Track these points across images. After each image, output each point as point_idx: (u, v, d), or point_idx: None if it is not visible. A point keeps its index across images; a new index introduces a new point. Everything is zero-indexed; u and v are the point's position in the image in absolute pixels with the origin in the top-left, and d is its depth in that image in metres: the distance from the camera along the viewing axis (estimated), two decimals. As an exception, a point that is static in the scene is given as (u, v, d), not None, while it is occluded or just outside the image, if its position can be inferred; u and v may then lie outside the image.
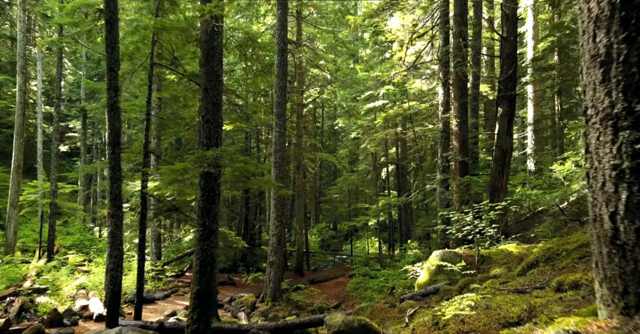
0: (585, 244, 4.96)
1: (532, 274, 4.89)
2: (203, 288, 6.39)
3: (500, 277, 6.36)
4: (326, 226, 36.30)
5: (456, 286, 6.85)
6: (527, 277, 4.84)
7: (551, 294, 3.39)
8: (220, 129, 6.84)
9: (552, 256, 5.23)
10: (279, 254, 13.89)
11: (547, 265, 5.11)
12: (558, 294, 3.29)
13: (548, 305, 2.93)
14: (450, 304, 3.30)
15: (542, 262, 5.28)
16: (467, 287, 6.55)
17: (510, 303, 3.33)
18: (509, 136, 11.87)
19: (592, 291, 2.83)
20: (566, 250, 5.12)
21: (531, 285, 4.21)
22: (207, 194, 6.62)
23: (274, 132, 14.16)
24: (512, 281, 4.81)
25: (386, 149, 25.99)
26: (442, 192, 12.48)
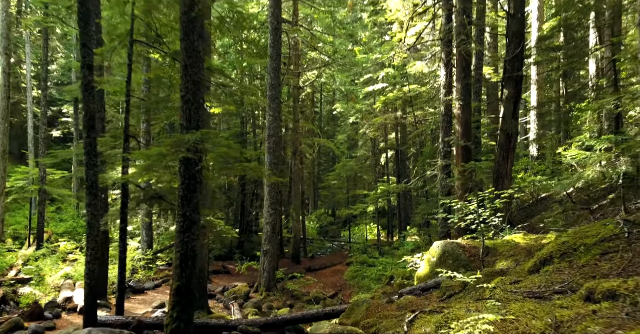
0: (608, 239, 4.40)
1: (547, 272, 4.34)
2: (184, 284, 5.86)
3: (508, 273, 5.82)
4: (325, 213, 35.87)
5: (460, 281, 6.32)
6: (541, 276, 4.29)
7: (579, 304, 2.84)
8: (201, 110, 6.22)
9: (569, 252, 4.67)
10: (274, 243, 13.40)
11: (564, 262, 4.55)
12: (589, 305, 2.74)
13: (580, 321, 2.39)
14: (460, 327, 2.75)
15: (557, 258, 4.73)
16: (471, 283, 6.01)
17: (530, 315, 2.78)
18: (514, 120, 11.25)
19: (636, 304, 2.29)
20: (585, 245, 4.56)
21: (549, 287, 3.66)
22: (187, 182, 6.04)
23: (268, 116, 13.53)
24: (524, 280, 4.26)
25: (386, 135, 25.34)
26: (443, 179, 11.91)
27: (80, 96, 7.32)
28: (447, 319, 3.22)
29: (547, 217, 10.63)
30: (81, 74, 7.23)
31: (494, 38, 20.91)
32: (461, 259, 7.37)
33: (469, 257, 7.39)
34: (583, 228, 6.56)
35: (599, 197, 9.46)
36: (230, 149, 6.13)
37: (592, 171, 7.25)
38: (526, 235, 7.90)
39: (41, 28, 24.90)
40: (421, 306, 6.05)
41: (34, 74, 28.23)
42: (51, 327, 8.88)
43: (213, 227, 8.75)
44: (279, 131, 13.79)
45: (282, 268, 18.52)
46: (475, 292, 5.44)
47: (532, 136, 21.33)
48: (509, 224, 9.00)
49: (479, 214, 7.63)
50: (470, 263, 7.29)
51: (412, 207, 28.32)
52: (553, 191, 8.95)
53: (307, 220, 31.23)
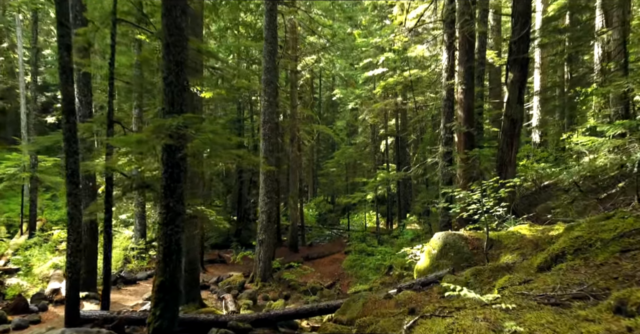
0: (627, 234, 3.99)
1: (561, 271, 3.93)
2: (167, 280, 5.47)
3: (514, 268, 5.43)
4: (324, 199, 35.51)
5: (462, 276, 5.93)
6: (554, 275, 3.88)
7: (607, 316, 2.44)
8: (185, 93, 5.76)
9: (583, 247, 4.27)
10: (269, 232, 13.03)
11: (578, 259, 4.15)
12: (620, 318, 2.35)
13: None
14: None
15: (570, 254, 4.33)
16: (474, 277, 5.63)
17: (549, 328, 2.38)
18: (519, 105, 10.77)
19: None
20: (601, 240, 4.15)
21: (565, 290, 3.26)
22: (170, 170, 5.61)
23: (262, 101, 13.03)
24: (535, 280, 3.86)
25: (385, 121, 24.82)
26: (444, 167, 11.47)
27: (58, 79, 6.85)
28: (452, 332, 2.82)
29: (553, 207, 10.23)
30: (58, 55, 6.75)
31: (497, 21, 20.29)
32: (463, 251, 6.99)
33: (472, 249, 7.00)
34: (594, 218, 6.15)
35: (607, 185, 9.04)
36: (217, 135, 5.68)
37: (605, 158, 6.82)
38: (532, 226, 7.50)
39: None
40: (421, 303, 5.67)
41: (27, 59, 27.58)
42: (36, 320, 8.55)
43: (205, 216, 8.35)
44: (275, 116, 13.31)
45: (279, 257, 18.23)
46: (480, 289, 5.06)
47: (534, 122, 20.85)
48: (514, 215, 8.60)
49: (482, 204, 7.22)
50: (473, 256, 6.91)
51: (411, 194, 27.96)
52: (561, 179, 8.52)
53: (306, 207, 30.89)
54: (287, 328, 7.21)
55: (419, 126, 21.13)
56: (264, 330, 6.89)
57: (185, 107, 5.76)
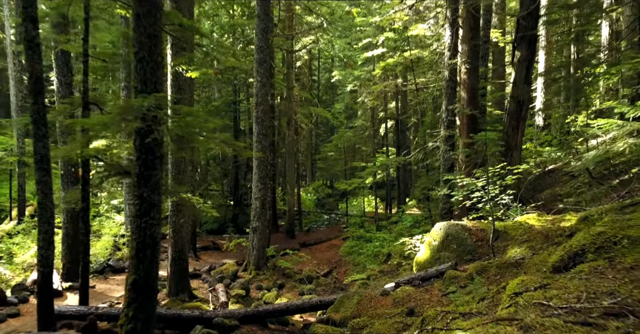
0: (660, 231, 3.45)
1: (582, 274, 3.41)
2: (141, 278, 4.96)
3: (524, 265, 4.91)
4: (323, 184, 35.05)
5: (466, 272, 5.42)
6: (574, 278, 3.36)
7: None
8: (159, 70, 5.15)
9: (607, 245, 3.74)
10: (263, 219, 12.53)
11: (601, 259, 3.62)
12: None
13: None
14: None
15: (591, 252, 3.80)
16: (480, 274, 5.13)
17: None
18: (526, 85, 10.16)
19: None
20: (628, 237, 3.63)
21: (593, 301, 2.74)
22: (144, 157, 5.04)
23: (255, 83, 12.38)
24: (553, 284, 3.33)
25: (385, 103, 24.15)
26: (446, 151, 10.91)
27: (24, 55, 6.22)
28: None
29: (561, 194, 9.71)
30: (23, 28, 6.11)
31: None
32: (466, 243, 6.48)
33: (475, 241, 6.49)
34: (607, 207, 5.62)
35: (620, 171, 8.48)
36: (195, 118, 5.10)
37: (624, 143, 6.26)
38: (540, 215, 6.98)
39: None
40: (421, 302, 5.19)
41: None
42: (14, 313, 8.13)
43: (191, 205, 7.82)
44: (269, 98, 12.67)
45: (276, 243, 17.79)
46: (486, 288, 4.55)
47: (538, 105, 20.19)
48: (521, 203, 8.08)
49: (487, 192, 6.69)
50: (477, 248, 6.40)
51: (411, 178, 27.47)
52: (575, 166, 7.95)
53: (304, 192, 30.41)
54: (278, 324, 6.75)
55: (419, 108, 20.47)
56: (252, 327, 6.44)
57: (159, 86, 5.15)
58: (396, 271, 11.67)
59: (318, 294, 11.63)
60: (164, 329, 6.68)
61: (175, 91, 9.30)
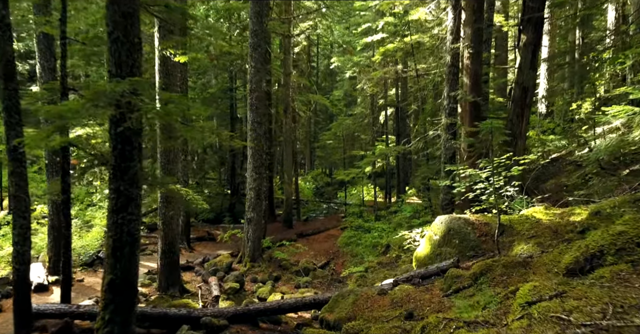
0: (692, 233, 3.05)
1: (604, 280, 3.03)
2: (119, 277, 4.59)
3: (533, 264, 4.53)
4: (322, 172, 34.63)
5: (469, 271, 5.05)
6: (596, 286, 2.98)
7: None
8: (137, 52, 4.70)
9: (629, 247, 3.36)
10: (258, 209, 12.16)
11: (622, 262, 3.24)
12: None
13: None
14: None
15: (610, 255, 3.41)
16: (484, 275, 4.75)
17: None
18: (532, 70, 9.70)
19: None
20: (654, 239, 3.22)
21: (623, 318, 2.35)
22: (120, 147, 4.63)
23: (249, 68, 11.89)
24: (571, 292, 2.95)
25: (385, 90, 23.61)
26: (447, 140, 10.49)
27: None
28: None
29: (566, 184, 9.32)
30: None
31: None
32: (469, 238, 6.10)
33: (479, 236, 6.11)
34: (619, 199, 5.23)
35: (630, 161, 8.08)
36: (176, 105, 4.67)
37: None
38: (548, 208, 6.59)
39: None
40: (421, 303, 4.82)
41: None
42: (-5, 310, 7.78)
43: (179, 196, 7.42)
44: (263, 84, 12.20)
45: (273, 233, 17.47)
46: (492, 291, 4.17)
47: (541, 92, 19.70)
48: (526, 195, 7.69)
49: (492, 183, 6.28)
50: (481, 244, 6.02)
51: (411, 167, 27.07)
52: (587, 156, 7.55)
53: (303, 180, 30.03)
54: (270, 323, 6.41)
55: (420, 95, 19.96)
56: (242, 327, 6.09)
57: (136, 70, 4.71)
58: (395, 263, 11.34)
59: (314, 287, 11.32)
60: (149, 329, 6.34)
61: (163, 76, 8.84)
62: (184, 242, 14.08)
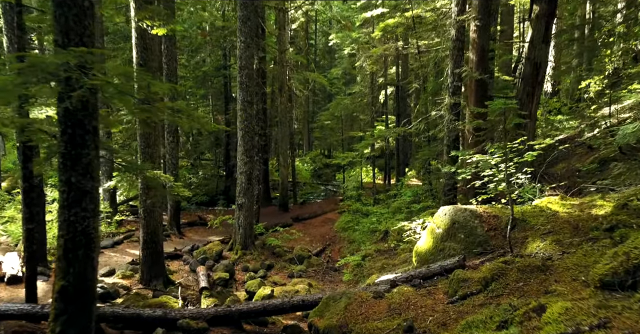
0: None
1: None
2: (72, 284, 3.95)
3: (555, 270, 3.88)
4: (321, 153, 33.90)
5: (478, 273, 4.41)
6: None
7: None
8: (87, 19, 3.94)
9: (684, 258, 2.68)
10: (250, 194, 11.52)
11: (678, 279, 2.56)
12: None
13: None
14: None
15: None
16: (496, 280, 4.12)
17: None
18: (545, 45, 8.90)
19: None
20: None
21: None
22: (70, 131, 3.92)
23: (239, 43, 11.05)
24: (614, 321, 2.30)
25: (385, 68, 22.67)
26: (450, 121, 9.74)
27: None
28: None
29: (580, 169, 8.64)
30: None
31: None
32: (476, 233, 5.45)
33: (487, 230, 5.46)
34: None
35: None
36: (139, 80, 3.93)
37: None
38: (564, 198, 5.91)
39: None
40: (422, 311, 4.20)
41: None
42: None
43: (158, 184, 6.73)
44: (254, 61, 11.38)
45: (268, 217, 16.88)
46: (508, 301, 3.53)
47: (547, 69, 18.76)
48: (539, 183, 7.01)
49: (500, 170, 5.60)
50: (489, 239, 5.37)
51: (411, 148, 26.37)
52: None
53: (301, 162, 29.35)
54: (255, 324, 5.82)
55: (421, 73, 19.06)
56: (223, 330, 5.51)
57: (88, 39, 3.97)
58: (394, 251, 10.75)
59: (309, 275, 10.78)
60: (122, 330, 5.76)
61: (140, 50, 8.04)
62: (173, 228, 13.49)
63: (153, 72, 8.14)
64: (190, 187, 22.45)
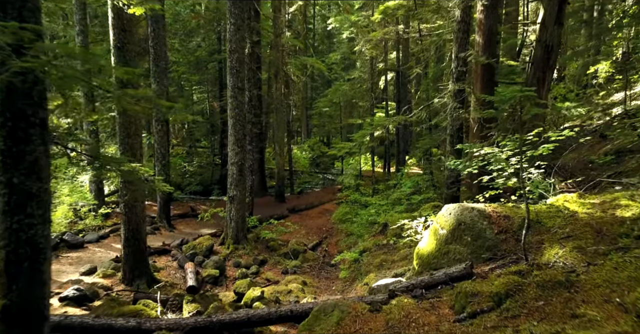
0: None
1: None
2: (16, 303, 3.37)
3: (580, 286, 3.31)
4: (320, 140, 33.22)
5: (488, 284, 3.84)
6: None
7: None
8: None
9: None
10: (242, 186, 10.94)
11: None
12: None
13: None
14: None
15: None
16: (511, 296, 3.55)
17: None
18: (558, 26, 8.20)
19: None
20: None
21: None
22: (11, 124, 3.33)
23: (228, 26, 10.34)
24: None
25: (385, 53, 21.89)
26: (454, 109, 9.11)
27: None
28: None
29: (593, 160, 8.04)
30: None
31: None
32: (485, 236, 4.87)
33: (497, 233, 4.88)
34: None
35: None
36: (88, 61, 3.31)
37: None
38: (582, 196, 5.32)
39: None
40: (425, 330, 3.64)
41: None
42: None
43: (136, 178, 6.13)
44: (243, 44, 10.67)
45: (263, 208, 16.34)
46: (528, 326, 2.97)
47: (554, 54, 17.94)
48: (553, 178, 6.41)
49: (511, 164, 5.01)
50: (500, 244, 4.80)
51: (411, 135, 25.72)
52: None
53: (299, 150, 28.72)
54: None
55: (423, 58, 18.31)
56: (204, 343, 4.97)
57: (29, 14, 3.33)
58: (393, 245, 10.22)
59: (304, 272, 10.28)
60: (94, 341, 5.23)
61: (118, 32, 7.37)
62: (163, 221, 12.95)
63: (133, 56, 7.47)
64: (185, 176, 21.90)
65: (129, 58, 7.38)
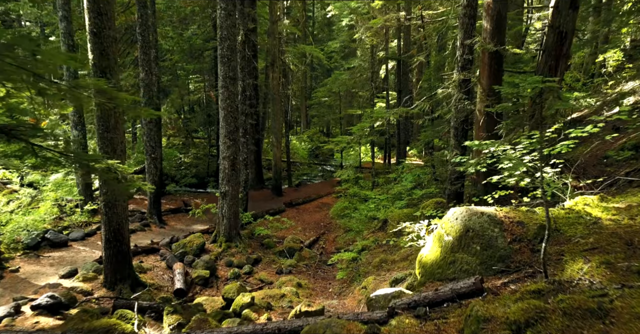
0: None
1: None
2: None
3: (617, 315, 2.78)
4: (319, 130, 32.60)
5: (505, 308, 3.30)
6: None
7: None
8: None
9: None
10: (234, 182, 10.39)
11: None
12: None
13: None
14: None
15: None
16: (532, 326, 3.02)
17: None
18: (572, 11, 7.57)
19: None
20: None
21: None
22: None
23: (219, 11, 9.70)
24: None
25: (386, 41, 21.18)
26: (459, 100, 8.51)
27: None
28: None
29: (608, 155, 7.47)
30: None
31: None
32: (496, 245, 4.33)
33: (510, 242, 4.34)
34: None
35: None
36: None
37: None
38: (604, 199, 4.77)
39: None
40: (428, 363, 3.11)
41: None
42: None
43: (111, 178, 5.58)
44: (235, 31, 10.03)
45: (259, 202, 15.85)
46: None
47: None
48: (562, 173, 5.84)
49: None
50: (513, 254, 4.26)
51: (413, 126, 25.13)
52: None
53: (298, 140, 28.13)
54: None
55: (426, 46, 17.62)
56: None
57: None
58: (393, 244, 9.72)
59: (299, 271, 9.79)
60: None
61: (94, 16, 6.75)
62: (153, 217, 12.43)
63: (111, 43, 6.86)
64: (180, 168, 21.34)
65: (107, 45, 6.78)
